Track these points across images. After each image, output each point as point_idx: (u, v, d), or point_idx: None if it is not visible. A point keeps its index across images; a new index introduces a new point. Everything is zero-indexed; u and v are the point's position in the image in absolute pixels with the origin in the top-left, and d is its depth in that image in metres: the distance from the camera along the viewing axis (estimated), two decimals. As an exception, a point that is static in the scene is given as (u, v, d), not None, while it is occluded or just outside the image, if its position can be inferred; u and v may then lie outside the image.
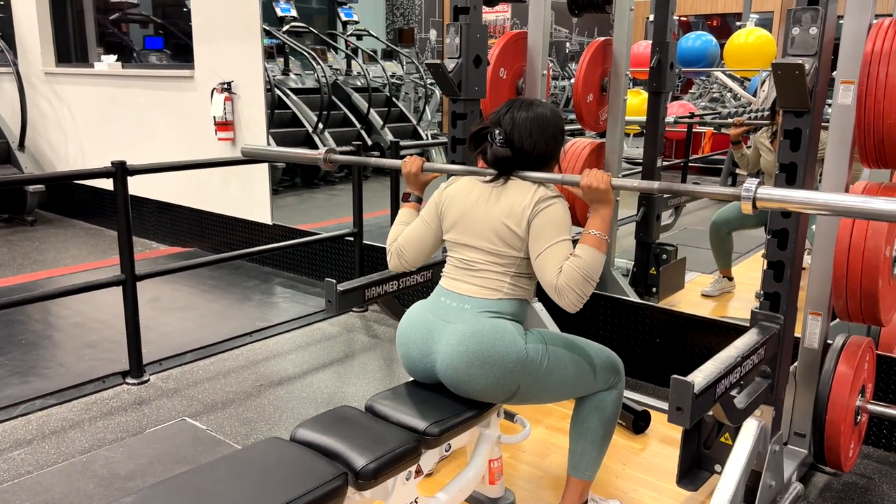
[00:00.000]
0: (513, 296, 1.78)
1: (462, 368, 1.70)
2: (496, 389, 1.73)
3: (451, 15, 2.41)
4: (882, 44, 1.88)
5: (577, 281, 1.64)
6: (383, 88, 8.07)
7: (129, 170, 2.92)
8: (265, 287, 4.27)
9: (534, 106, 1.81)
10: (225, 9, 4.42)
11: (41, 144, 6.22)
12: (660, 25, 3.30)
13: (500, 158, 1.78)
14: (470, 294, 1.79)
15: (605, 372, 1.87)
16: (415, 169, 2.03)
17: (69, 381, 2.95)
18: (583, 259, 1.66)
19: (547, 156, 1.82)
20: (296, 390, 2.91)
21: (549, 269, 1.67)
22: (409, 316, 1.86)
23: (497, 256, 1.77)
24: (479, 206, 1.80)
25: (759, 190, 1.50)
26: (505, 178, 1.79)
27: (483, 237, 1.78)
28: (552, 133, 1.81)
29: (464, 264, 1.82)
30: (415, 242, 1.93)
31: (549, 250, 1.69)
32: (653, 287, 3.58)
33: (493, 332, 1.71)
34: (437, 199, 1.91)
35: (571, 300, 1.65)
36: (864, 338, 2.21)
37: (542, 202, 1.73)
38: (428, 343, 1.78)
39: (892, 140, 1.88)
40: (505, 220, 1.75)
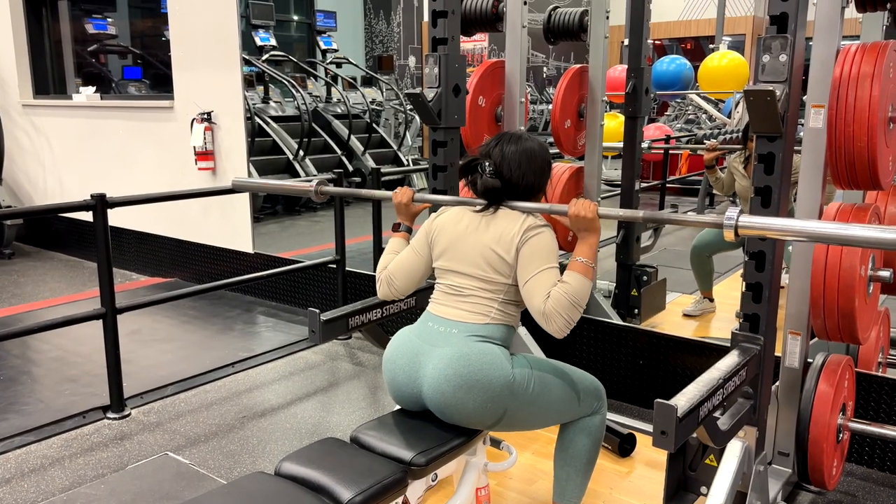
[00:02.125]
0: (500, 321, 1.81)
1: (449, 392, 1.71)
2: (483, 414, 1.73)
3: (429, 45, 2.44)
4: (850, 69, 1.93)
5: (564, 306, 1.68)
6: (363, 115, 8.12)
7: (109, 202, 2.91)
8: (247, 316, 4.24)
9: (522, 140, 1.87)
10: (204, 39, 4.44)
11: (19, 177, 6.17)
12: (634, 52, 3.36)
13: (489, 189, 1.83)
14: (458, 319, 1.81)
15: (588, 397, 1.88)
16: (405, 199, 2.07)
17: (49, 418, 2.90)
18: (570, 285, 1.69)
19: (534, 187, 1.87)
20: (280, 421, 2.89)
21: (537, 295, 1.70)
22: (396, 341, 1.87)
23: (486, 282, 1.81)
24: (468, 233, 1.84)
25: (741, 218, 1.54)
26: (494, 207, 1.84)
27: (472, 263, 1.82)
28: (539, 165, 1.87)
29: (452, 290, 1.85)
30: (405, 271, 1.96)
31: (536, 277, 1.73)
32: (635, 308, 3.60)
33: (480, 356, 1.72)
34: (427, 228, 1.95)
35: (559, 325, 1.68)
36: (844, 356, 2.24)
37: (530, 230, 1.77)
38: (415, 367, 1.78)
39: (862, 162, 1.93)
40: (494, 247, 1.79)
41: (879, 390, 2.46)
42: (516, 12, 2.67)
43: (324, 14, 9.14)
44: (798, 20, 1.77)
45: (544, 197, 1.93)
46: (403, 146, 8.38)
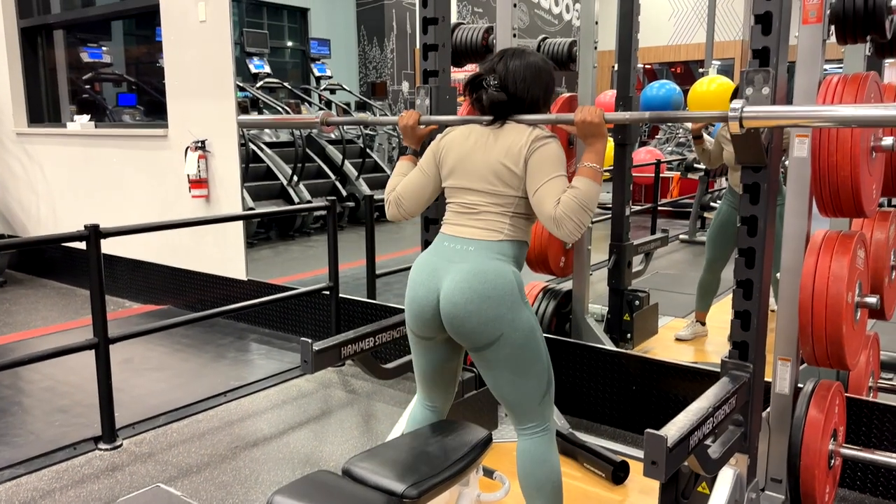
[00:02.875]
0: (513, 237, 1.86)
1: (461, 303, 1.77)
2: (482, 329, 1.78)
3: (420, 77, 2.48)
4: (832, 99, 1.96)
5: (574, 210, 1.73)
6: (357, 140, 8.17)
7: (103, 232, 2.92)
8: (240, 344, 4.24)
9: (525, 55, 1.90)
10: (198, 68, 4.48)
11: (12, 205, 6.17)
12: (623, 79, 3.41)
13: (495, 103, 1.86)
14: (472, 236, 1.86)
15: (548, 404, 1.91)
16: (411, 122, 2.11)
17: (39, 449, 2.88)
18: (579, 189, 1.75)
19: (540, 101, 1.91)
20: (272, 451, 2.88)
21: (548, 202, 1.76)
22: (419, 261, 1.93)
23: (496, 197, 1.85)
24: (477, 149, 1.88)
25: (746, 108, 1.60)
26: (501, 121, 1.87)
27: (482, 179, 1.86)
28: (544, 80, 1.91)
29: (464, 208, 1.90)
30: (413, 190, 2.01)
31: (546, 185, 1.77)
32: (627, 333, 3.61)
33: (496, 275, 1.79)
34: (434, 148, 1.99)
35: (570, 229, 1.74)
36: (833, 381, 2.25)
37: (538, 140, 1.81)
38: (434, 281, 1.84)
39: (846, 191, 1.96)
40: (503, 160, 1.83)
41: (870, 415, 2.47)
42: (506, 43, 2.70)
43: (318, 42, 9.25)
44: (780, 54, 1.82)
45: (546, 109, 1.98)
46: (397, 171, 8.43)
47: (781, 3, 1.80)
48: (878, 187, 2.15)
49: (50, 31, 5.97)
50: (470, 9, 11.02)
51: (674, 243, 6.51)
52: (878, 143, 2.03)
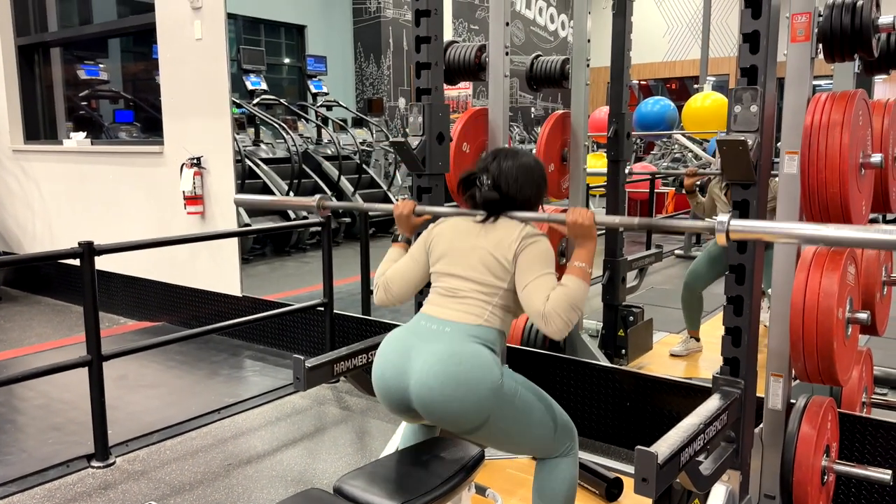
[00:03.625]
0: (493, 324, 1.85)
1: (437, 388, 1.72)
2: (466, 415, 1.74)
3: (414, 96, 2.49)
4: (820, 117, 1.98)
5: (563, 307, 1.74)
6: (354, 156, 8.20)
7: (97, 250, 2.92)
8: (234, 361, 4.23)
9: (519, 155, 1.96)
10: (194, 86, 4.51)
11: (8, 221, 6.17)
12: (616, 97, 3.44)
13: (489, 201, 1.91)
14: (451, 318, 1.85)
15: (563, 433, 1.91)
16: (406, 211, 2.14)
17: (32, 467, 2.87)
18: (569, 287, 1.77)
19: (531, 200, 1.95)
20: (265, 469, 2.86)
21: (537, 298, 1.77)
22: (388, 338, 1.89)
23: (481, 285, 1.86)
24: (467, 238, 1.91)
25: (733, 222, 1.63)
26: (494, 217, 1.91)
27: (470, 266, 1.88)
28: (536, 180, 1.95)
29: (448, 292, 1.90)
30: (402, 276, 2.02)
31: (536, 281, 1.79)
32: (622, 349, 3.62)
33: (471, 357, 1.76)
34: (425, 236, 2.02)
35: (558, 326, 1.74)
36: (826, 397, 2.25)
37: (528, 238, 1.85)
38: (404, 361, 1.79)
39: (835, 207, 1.97)
40: (492, 251, 1.85)
41: (863, 431, 2.47)
42: (499, 62, 2.73)
43: (314, 59, 9.30)
44: (768, 72, 1.84)
45: (542, 210, 2.02)
46: (393, 186, 8.46)
47: (769, 22, 1.83)
48: (868, 203, 2.17)
49: (47, 48, 6.00)
50: (466, 26, 11.10)
51: (668, 259, 6.52)
52: (867, 160, 2.04)
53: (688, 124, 7.56)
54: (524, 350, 3.21)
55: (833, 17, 1.97)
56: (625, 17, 3.37)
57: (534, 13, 12.89)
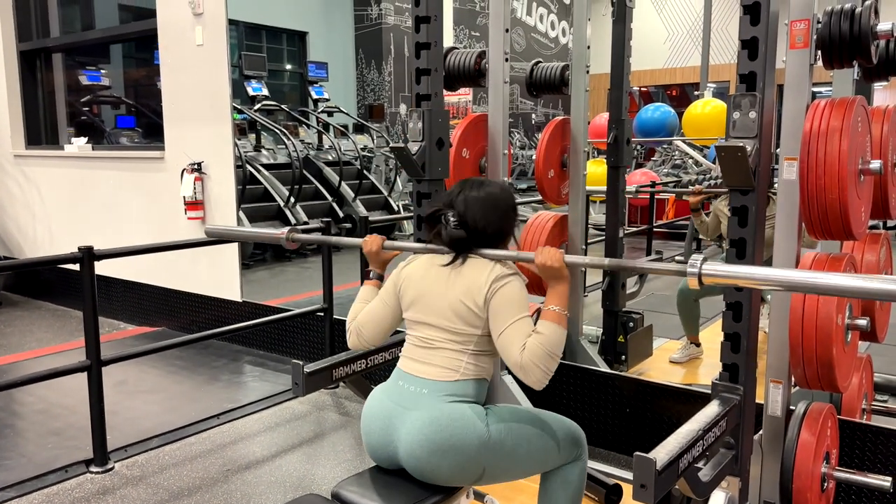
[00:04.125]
0: (471, 376, 1.79)
1: (424, 458, 1.70)
2: (461, 475, 1.73)
3: (414, 101, 2.50)
4: (819, 124, 1.98)
5: (541, 357, 1.67)
6: (354, 161, 8.21)
7: (97, 254, 2.93)
8: (234, 366, 4.23)
9: (484, 186, 1.87)
10: (195, 92, 4.52)
11: (9, 226, 6.18)
12: (616, 103, 3.44)
13: (455, 239, 1.82)
14: (427, 376, 1.79)
15: (568, 445, 1.88)
16: (375, 248, 2.06)
17: (31, 472, 2.87)
18: (545, 335, 1.68)
19: (501, 233, 1.87)
20: (264, 474, 2.86)
21: (513, 348, 1.70)
22: (370, 404, 1.87)
23: (455, 334, 1.79)
24: (437, 285, 1.83)
25: (705, 266, 1.55)
26: (462, 257, 1.83)
27: (441, 315, 1.80)
28: (504, 210, 1.86)
29: (422, 342, 1.84)
30: (374, 321, 1.95)
31: (510, 329, 1.72)
32: (622, 355, 3.61)
33: (451, 420, 1.71)
34: (395, 278, 1.94)
35: (537, 377, 1.67)
36: (826, 404, 2.24)
37: (498, 280, 1.76)
38: (388, 431, 1.77)
39: (834, 214, 1.97)
40: (463, 299, 1.77)
41: (863, 437, 2.47)
42: (498, 68, 2.74)
43: (315, 65, 9.33)
44: (766, 79, 1.84)
45: (514, 241, 1.94)
46: (394, 192, 8.47)
47: (767, 29, 1.83)
48: (868, 210, 2.17)
49: (49, 54, 6.02)
50: (467, 32, 11.13)
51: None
52: (867, 166, 2.04)
53: (688, 131, 7.58)
54: (524, 356, 3.21)
55: (832, 24, 1.97)
56: (625, 23, 3.38)
57: (534, 20, 12.93)
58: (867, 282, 1.43)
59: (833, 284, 1.46)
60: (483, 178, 1.94)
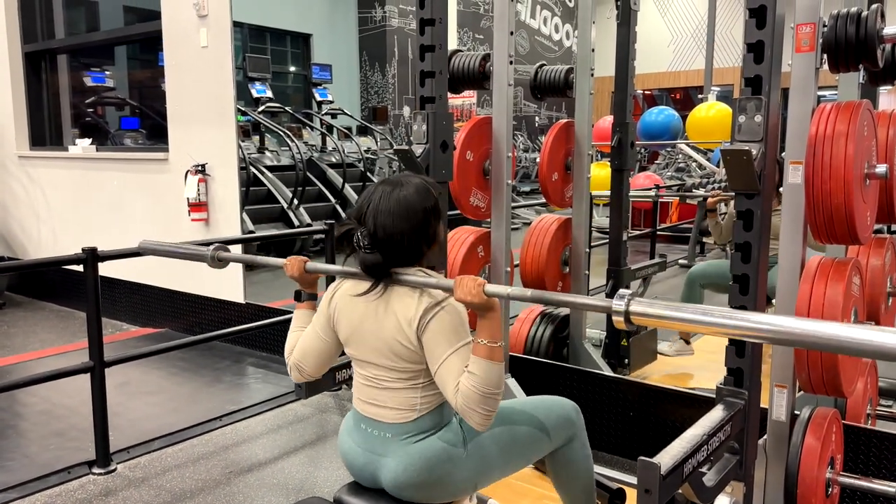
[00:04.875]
0: (429, 408, 1.68)
1: (413, 496, 1.67)
2: (456, 495, 1.72)
3: (418, 104, 2.50)
4: (825, 127, 1.98)
5: (476, 401, 1.53)
6: (358, 163, 8.22)
7: (100, 255, 2.93)
8: (237, 368, 4.22)
9: (396, 189, 1.64)
10: (199, 93, 4.52)
11: (13, 227, 6.19)
12: (619, 106, 3.44)
13: (370, 266, 1.63)
14: (386, 420, 1.68)
15: (559, 429, 1.86)
16: (297, 272, 1.87)
17: (33, 473, 2.86)
18: (477, 376, 1.53)
19: (420, 244, 1.66)
20: (266, 477, 2.86)
21: (448, 389, 1.57)
22: (342, 448, 1.78)
23: (400, 372, 1.66)
24: (367, 320, 1.67)
25: (633, 305, 1.40)
26: (383, 284, 1.64)
27: (381, 354, 1.66)
28: (420, 218, 1.64)
29: (370, 382, 1.71)
30: (312, 356, 1.80)
31: (442, 367, 1.58)
32: (625, 359, 3.60)
33: (426, 461, 1.64)
34: (326, 310, 1.77)
35: (478, 420, 1.55)
36: (830, 409, 2.23)
37: (427, 313, 1.60)
38: (369, 473, 1.72)
39: (840, 218, 1.96)
40: (397, 337, 1.63)
41: (868, 443, 2.45)
42: (503, 71, 2.74)
43: (320, 67, 9.34)
44: (772, 82, 1.83)
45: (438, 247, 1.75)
46: (397, 194, 8.46)
47: (773, 33, 1.83)
48: (873, 214, 2.16)
49: (53, 55, 6.04)
50: (471, 35, 11.14)
51: (672, 268, 6.51)
52: (872, 170, 2.04)
53: (692, 134, 7.57)
54: (527, 359, 3.20)
55: (838, 28, 1.96)
56: (629, 26, 3.38)
57: (538, 23, 12.93)
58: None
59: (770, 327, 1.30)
60: (399, 176, 1.73)
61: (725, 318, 1.35)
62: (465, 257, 2.96)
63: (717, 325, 1.36)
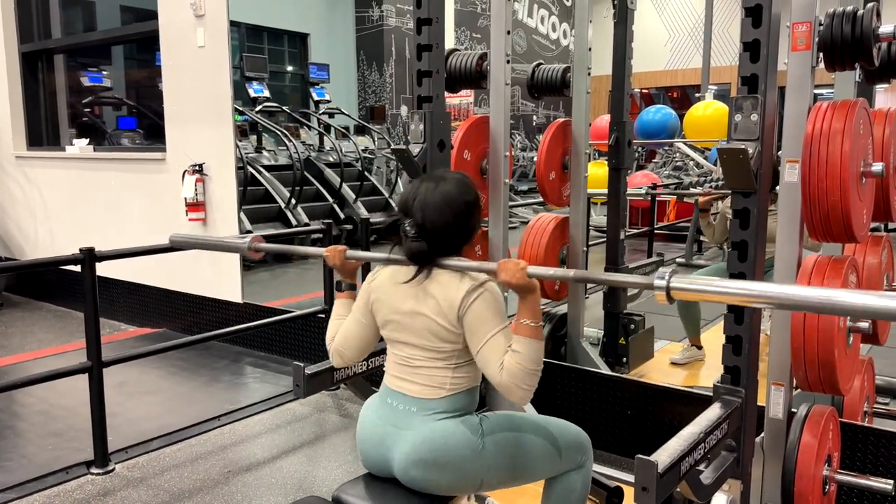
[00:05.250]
0: (458, 389, 1.74)
1: (419, 476, 1.69)
2: (458, 488, 1.72)
3: (415, 103, 2.50)
4: (821, 125, 1.98)
5: (520, 377, 1.61)
6: (356, 163, 8.21)
7: (98, 256, 2.93)
8: (235, 367, 4.23)
9: (440, 185, 1.74)
10: (196, 93, 4.52)
11: (10, 227, 6.19)
12: (617, 105, 3.45)
13: (416, 253, 1.71)
14: (414, 395, 1.74)
15: (571, 451, 1.85)
16: (338, 260, 1.93)
17: (31, 473, 2.86)
18: (521, 354, 1.61)
19: (463, 234, 1.76)
20: (265, 476, 2.86)
21: (492, 366, 1.64)
22: (362, 423, 1.83)
23: (435, 352, 1.73)
24: (406, 303, 1.74)
25: (674, 280, 1.45)
26: (427, 271, 1.72)
27: (418, 335, 1.73)
28: (463, 210, 1.74)
29: (403, 361, 1.77)
30: (353, 341, 1.88)
31: (486, 346, 1.65)
32: (623, 357, 3.61)
33: (444, 438, 1.68)
34: (365, 295, 1.84)
35: (520, 396, 1.63)
36: (827, 407, 2.24)
37: (470, 294, 1.67)
38: (382, 451, 1.75)
39: (836, 216, 1.97)
40: (436, 318, 1.70)
41: (865, 440, 2.46)
42: (500, 70, 2.74)
43: (317, 66, 9.33)
44: (768, 81, 1.84)
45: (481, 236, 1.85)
46: (395, 193, 8.46)
47: (769, 31, 1.83)
48: (869, 212, 2.16)
49: (50, 55, 6.03)
50: (468, 34, 11.14)
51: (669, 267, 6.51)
52: (868, 168, 2.04)
53: (689, 133, 7.57)
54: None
55: (833, 27, 1.97)
56: (626, 25, 3.38)
57: (535, 22, 12.94)
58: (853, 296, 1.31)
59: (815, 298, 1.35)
60: (440, 172, 1.83)
61: (761, 289, 1.41)
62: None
63: (753, 297, 1.42)
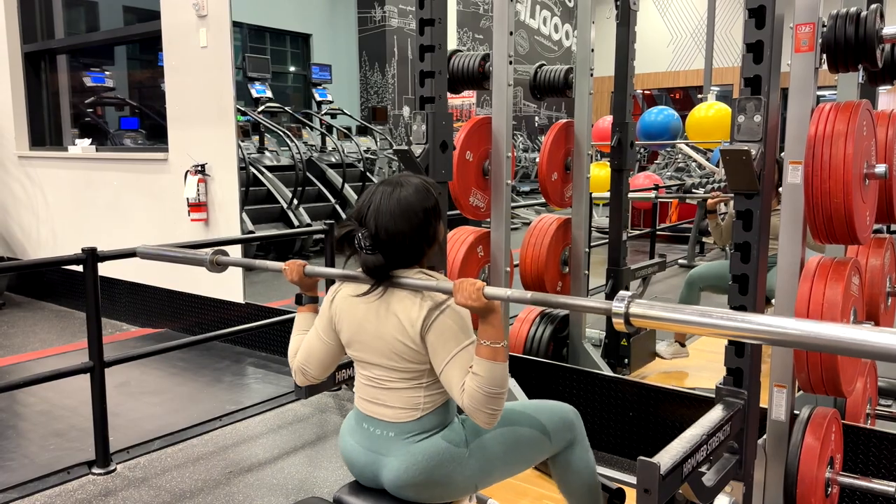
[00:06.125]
0: (433, 406, 1.68)
1: (413, 495, 1.67)
2: (455, 495, 1.72)
3: (417, 104, 2.50)
4: (824, 127, 1.98)
5: (482, 402, 1.54)
6: (358, 164, 8.22)
7: (100, 256, 2.93)
8: (237, 368, 4.22)
9: (396, 190, 1.64)
10: (199, 93, 4.52)
11: (12, 227, 6.19)
12: (619, 106, 3.44)
13: (371, 268, 1.62)
14: (390, 419, 1.68)
15: (559, 432, 1.87)
16: (296, 276, 1.87)
17: (33, 473, 2.86)
18: (481, 377, 1.54)
19: (421, 244, 1.66)
20: (266, 477, 2.86)
21: (454, 389, 1.58)
22: (343, 448, 1.78)
23: (403, 372, 1.66)
24: (369, 321, 1.67)
25: (633, 307, 1.38)
26: (384, 286, 1.64)
27: (383, 355, 1.66)
28: (420, 218, 1.63)
29: (372, 382, 1.71)
30: (316, 359, 1.80)
31: (448, 367, 1.59)
32: (624, 359, 3.60)
33: (426, 460, 1.64)
34: (327, 313, 1.76)
35: (484, 419, 1.56)
36: (830, 409, 2.24)
37: (431, 312, 1.60)
38: (369, 475, 1.72)
39: (839, 218, 1.96)
40: (400, 338, 1.62)
41: (867, 443, 2.46)
42: (502, 71, 2.74)
43: (319, 67, 9.34)
44: (771, 82, 1.84)
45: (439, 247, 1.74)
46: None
47: (773, 33, 1.83)
48: (872, 214, 2.16)
49: (53, 55, 6.04)
50: (471, 35, 11.14)
51: (672, 268, 6.51)
52: (872, 170, 2.04)
53: (691, 134, 7.57)
54: (527, 359, 3.21)
55: (837, 28, 1.97)
56: (628, 26, 3.38)
57: (538, 23, 12.93)
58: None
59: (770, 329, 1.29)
60: (398, 176, 1.71)
61: (724, 320, 1.33)
62: (465, 257, 2.96)
63: (716, 327, 1.35)
